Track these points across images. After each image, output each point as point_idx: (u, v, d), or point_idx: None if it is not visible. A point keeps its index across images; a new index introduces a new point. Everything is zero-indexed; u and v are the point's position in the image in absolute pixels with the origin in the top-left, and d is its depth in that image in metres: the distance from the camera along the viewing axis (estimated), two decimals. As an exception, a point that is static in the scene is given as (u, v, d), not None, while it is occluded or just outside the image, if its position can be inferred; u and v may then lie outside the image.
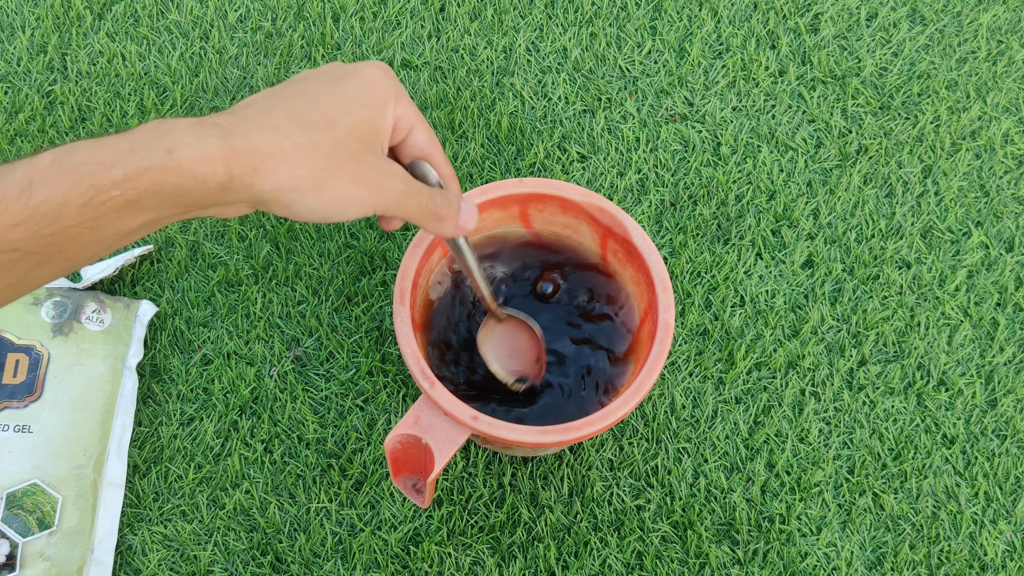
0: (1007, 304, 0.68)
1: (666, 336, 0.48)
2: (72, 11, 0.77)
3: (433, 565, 0.59)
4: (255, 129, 0.33)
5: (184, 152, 0.31)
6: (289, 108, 0.35)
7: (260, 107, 0.34)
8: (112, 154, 0.31)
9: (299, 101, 0.35)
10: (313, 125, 0.34)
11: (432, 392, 0.46)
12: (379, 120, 0.37)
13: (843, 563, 0.60)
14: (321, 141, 0.34)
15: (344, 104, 0.36)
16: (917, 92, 0.75)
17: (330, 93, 0.36)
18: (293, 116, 0.34)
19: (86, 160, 0.30)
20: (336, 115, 0.35)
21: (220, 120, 0.33)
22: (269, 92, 0.36)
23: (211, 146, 0.32)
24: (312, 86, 0.36)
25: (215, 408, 0.63)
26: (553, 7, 0.78)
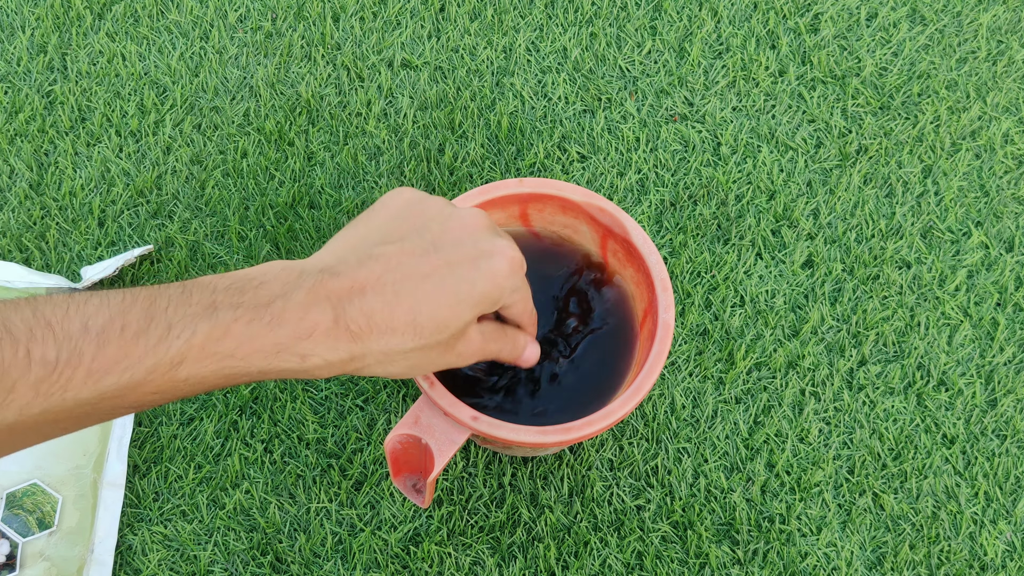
0: (1007, 304, 0.68)
1: (666, 336, 0.48)
2: (72, 11, 0.77)
3: (433, 565, 0.59)
4: (376, 334, 0.35)
5: (314, 361, 0.34)
6: (412, 307, 0.35)
7: (387, 298, 0.35)
8: (258, 353, 0.33)
9: (420, 297, 0.35)
10: (425, 331, 0.36)
11: (432, 392, 0.46)
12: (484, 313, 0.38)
13: (843, 563, 0.60)
14: (426, 346, 0.36)
15: (461, 308, 0.36)
16: (917, 92, 0.75)
17: (453, 290, 0.36)
18: (411, 319, 0.35)
19: (233, 352, 0.32)
20: (449, 320, 0.36)
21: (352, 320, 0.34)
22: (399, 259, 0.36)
23: (337, 356, 0.34)
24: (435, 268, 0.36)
25: (215, 408, 0.63)
26: (553, 7, 0.78)
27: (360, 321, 0.34)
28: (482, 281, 0.37)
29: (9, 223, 0.69)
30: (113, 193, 0.70)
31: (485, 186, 0.53)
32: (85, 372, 0.30)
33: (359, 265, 0.35)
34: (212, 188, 0.70)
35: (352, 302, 0.34)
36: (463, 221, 0.38)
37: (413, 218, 0.38)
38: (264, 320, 0.33)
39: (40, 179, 0.71)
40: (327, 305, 0.34)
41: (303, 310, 0.33)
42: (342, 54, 0.76)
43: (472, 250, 0.37)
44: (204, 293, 0.33)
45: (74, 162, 0.72)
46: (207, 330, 0.32)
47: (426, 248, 0.37)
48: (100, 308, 0.31)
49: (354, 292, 0.35)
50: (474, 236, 0.38)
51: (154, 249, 0.68)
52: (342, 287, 0.34)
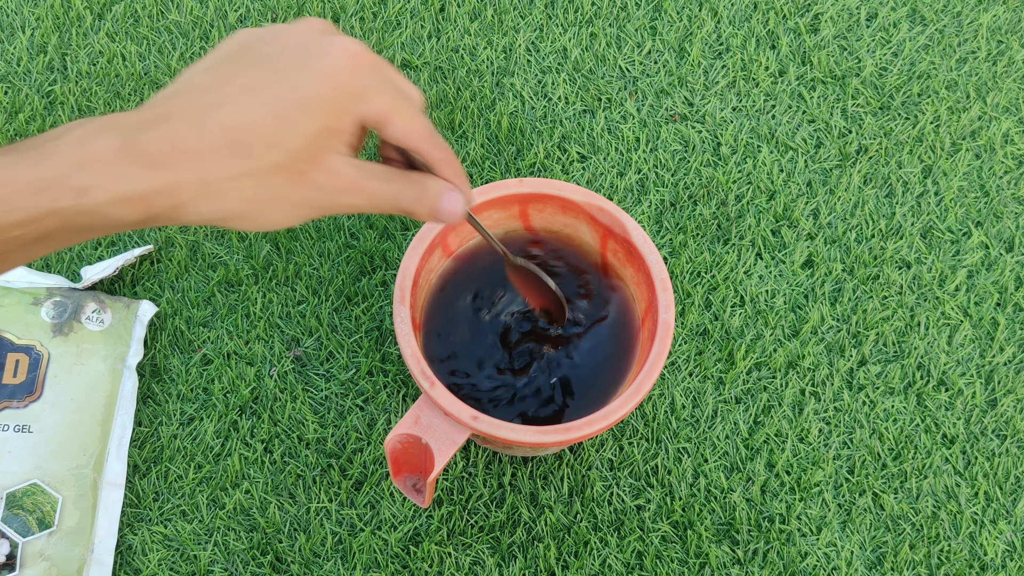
0: (1007, 304, 0.68)
1: (666, 336, 0.48)
2: (72, 11, 0.77)
3: (433, 565, 0.59)
4: (185, 158, 0.28)
5: (97, 195, 0.28)
6: (228, 121, 0.29)
7: (194, 117, 0.29)
8: (14, 196, 0.27)
9: (237, 108, 0.29)
10: (250, 150, 0.29)
11: (432, 392, 0.46)
12: (335, 129, 0.31)
13: (843, 563, 0.60)
14: (257, 170, 0.30)
15: (291, 115, 0.30)
16: (917, 92, 0.75)
17: (277, 94, 0.30)
18: (228, 136, 0.29)
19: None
20: (280, 132, 0.29)
21: (147, 141, 0.28)
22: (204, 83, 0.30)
23: (129, 186, 0.28)
24: (258, 78, 0.30)
25: (215, 408, 0.63)
26: (553, 7, 0.78)
27: (160, 145, 0.28)
28: (312, 81, 0.30)
29: (9, 223, 0.69)
30: (113, 193, 0.70)
31: (485, 186, 0.53)
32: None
33: (166, 98, 0.30)
34: (212, 188, 0.70)
35: (149, 128, 0.28)
36: (293, 29, 0.32)
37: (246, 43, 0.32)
38: (28, 157, 0.27)
39: (40, 179, 0.71)
40: (114, 133, 0.28)
41: (80, 142, 0.28)
42: (342, 54, 0.76)
43: (300, 52, 0.31)
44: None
45: (74, 162, 0.72)
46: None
47: (249, 64, 0.30)
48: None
49: (153, 121, 0.29)
50: (304, 40, 0.31)
51: (154, 249, 0.68)
52: (136, 117, 0.29)
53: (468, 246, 0.56)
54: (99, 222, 0.29)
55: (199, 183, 0.29)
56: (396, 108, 0.33)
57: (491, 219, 0.55)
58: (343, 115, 0.31)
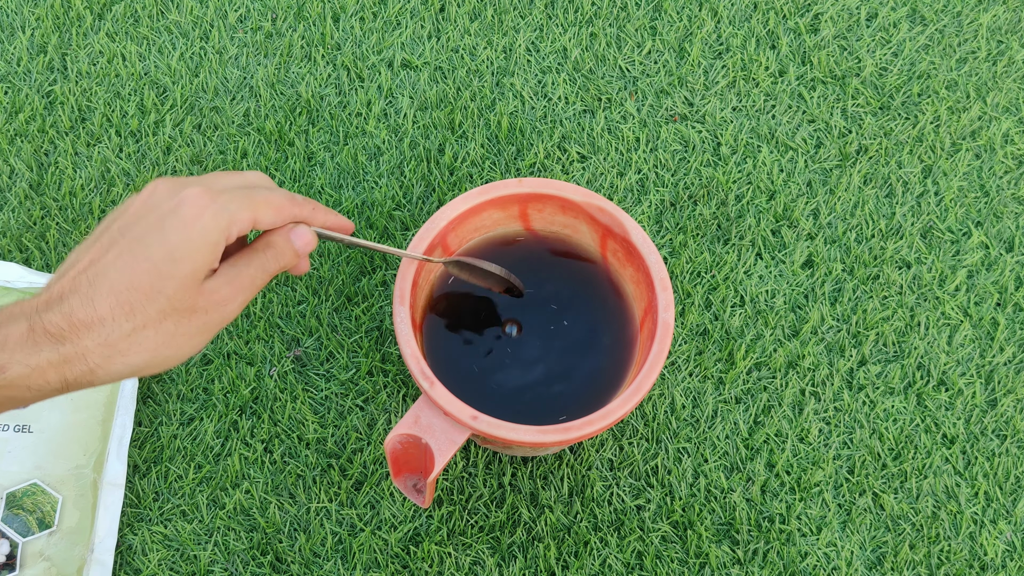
0: (1007, 304, 0.68)
1: (666, 336, 0.48)
2: (72, 11, 0.77)
3: (433, 565, 0.59)
4: (83, 328, 0.33)
5: (15, 370, 0.32)
6: (111, 288, 0.33)
7: (84, 292, 0.33)
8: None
9: (120, 271, 0.34)
10: (136, 307, 0.34)
11: (432, 392, 0.46)
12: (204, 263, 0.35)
13: (843, 563, 0.60)
14: (148, 321, 0.34)
15: (163, 267, 0.34)
16: (917, 92, 0.75)
17: (149, 253, 0.34)
18: (115, 300, 0.33)
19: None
20: (157, 284, 0.34)
21: (49, 323, 0.33)
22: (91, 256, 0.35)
23: (42, 359, 0.33)
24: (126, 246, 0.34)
25: (215, 408, 0.63)
26: (553, 7, 0.78)
27: (59, 322, 0.33)
28: (173, 234, 0.34)
29: (9, 223, 0.69)
30: (113, 193, 0.70)
31: (485, 186, 0.53)
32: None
33: (57, 279, 0.35)
34: (212, 188, 0.70)
35: (48, 310, 0.33)
36: (142, 197, 0.36)
37: (106, 223, 0.37)
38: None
39: (40, 179, 0.71)
40: (21, 319, 0.33)
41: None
42: (342, 54, 0.76)
43: (154, 216, 0.35)
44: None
45: (74, 162, 0.72)
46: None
47: (114, 237, 0.35)
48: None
49: (51, 302, 0.33)
50: (153, 203, 0.36)
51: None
52: (38, 302, 0.34)
53: (468, 246, 0.56)
54: (21, 394, 0.33)
55: (103, 347, 0.33)
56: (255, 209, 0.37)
57: (491, 219, 0.55)
58: (207, 255, 0.35)
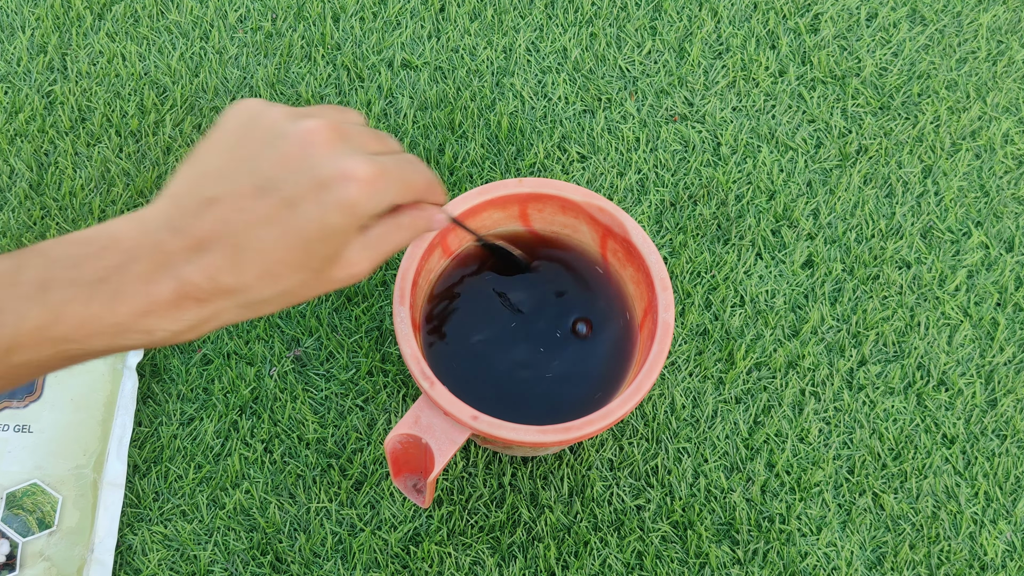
0: (1007, 304, 0.68)
1: (666, 336, 0.48)
2: (72, 11, 0.77)
3: (433, 565, 0.59)
4: (226, 294, 0.32)
5: (160, 335, 0.32)
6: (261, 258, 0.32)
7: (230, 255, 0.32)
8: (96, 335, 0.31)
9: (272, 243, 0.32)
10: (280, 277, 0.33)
11: (432, 392, 0.46)
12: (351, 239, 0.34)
13: (843, 563, 0.60)
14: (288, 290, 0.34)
15: (315, 246, 0.33)
16: (917, 92, 0.75)
17: (299, 227, 0.32)
18: (263, 270, 0.33)
19: (70, 336, 0.30)
20: (304, 259, 0.33)
21: (193, 286, 0.32)
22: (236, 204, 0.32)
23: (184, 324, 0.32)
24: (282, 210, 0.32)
25: (215, 408, 0.63)
26: (553, 7, 0.78)
27: (204, 285, 0.32)
28: (331, 215, 0.32)
29: (9, 223, 0.69)
30: (113, 193, 0.70)
31: (485, 186, 0.53)
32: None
33: (196, 215, 0.32)
34: (212, 188, 0.70)
35: (192, 262, 0.31)
36: (294, 145, 0.33)
37: (246, 145, 0.34)
38: (101, 299, 0.30)
39: (40, 179, 0.71)
40: (168, 274, 0.31)
41: (142, 283, 0.31)
42: (342, 54, 0.76)
43: (310, 180, 0.32)
44: (37, 267, 0.30)
45: (74, 162, 0.72)
46: (38, 315, 0.29)
47: (261, 186, 0.32)
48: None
49: (195, 250, 0.32)
50: (309, 162, 0.33)
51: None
52: (181, 245, 0.32)
53: (467, 246, 0.56)
54: (153, 348, 0.33)
55: (239, 308, 0.33)
56: (406, 187, 0.36)
57: (491, 219, 0.55)
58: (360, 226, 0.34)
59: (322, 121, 0.34)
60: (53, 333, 0.30)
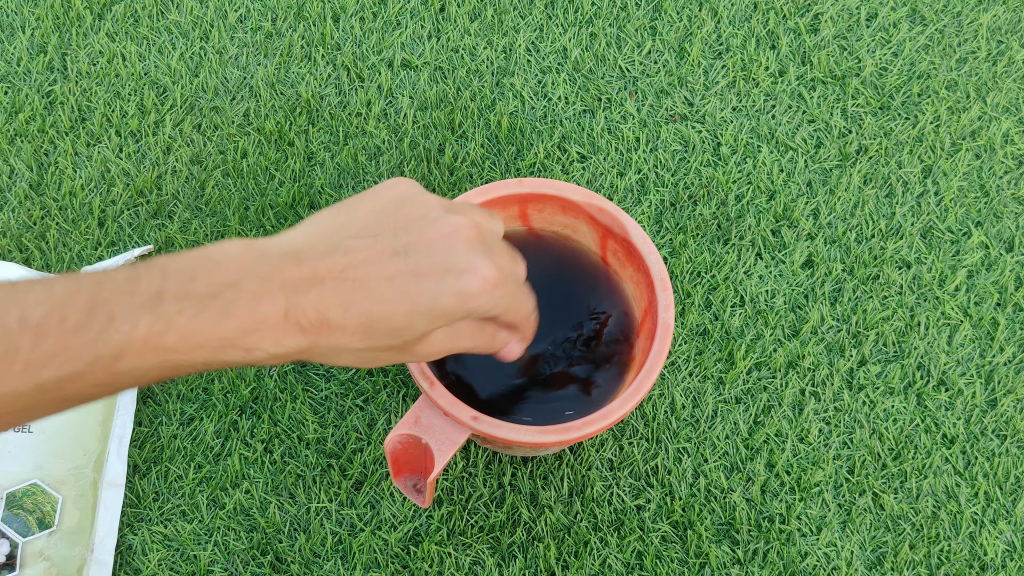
0: (1007, 304, 0.68)
1: (666, 336, 0.48)
2: (72, 11, 0.77)
3: (433, 565, 0.59)
4: (326, 331, 0.33)
5: (258, 355, 0.33)
6: (369, 310, 0.34)
7: (344, 296, 0.33)
8: (200, 347, 0.31)
9: (377, 301, 0.34)
10: (376, 335, 0.34)
11: (432, 392, 0.46)
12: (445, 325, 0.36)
13: (843, 563, 0.60)
14: (376, 347, 0.35)
15: (418, 320, 0.34)
16: (917, 92, 0.75)
17: (414, 299, 0.34)
18: (364, 322, 0.34)
19: (176, 346, 0.31)
20: (405, 329, 0.35)
21: (303, 315, 0.33)
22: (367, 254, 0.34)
23: (283, 350, 0.33)
24: (399, 272, 0.34)
25: (215, 408, 0.63)
26: (553, 7, 0.78)
27: (312, 316, 0.33)
28: (445, 297, 0.35)
29: (9, 223, 0.69)
30: (113, 193, 0.70)
31: (485, 186, 0.53)
32: (22, 365, 0.29)
33: (325, 255, 0.34)
34: (212, 188, 0.70)
35: (308, 292, 0.33)
36: (443, 229, 0.36)
37: (397, 215, 0.36)
38: (210, 313, 0.31)
39: (40, 179, 0.71)
40: (280, 296, 0.32)
41: (254, 301, 0.32)
42: (342, 54, 0.76)
43: (442, 263, 0.35)
44: (152, 279, 0.31)
45: (74, 162, 0.72)
46: (149, 323, 0.30)
47: (397, 250, 0.35)
48: (41, 299, 0.30)
49: (312, 282, 0.33)
50: (450, 248, 0.35)
51: (154, 249, 0.68)
52: (300, 275, 0.33)
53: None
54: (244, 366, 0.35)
55: (330, 349, 0.34)
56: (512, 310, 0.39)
57: (491, 219, 0.55)
58: (463, 319, 0.36)
59: (471, 221, 0.36)
60: (161, 343, 0.31)
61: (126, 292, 0.31)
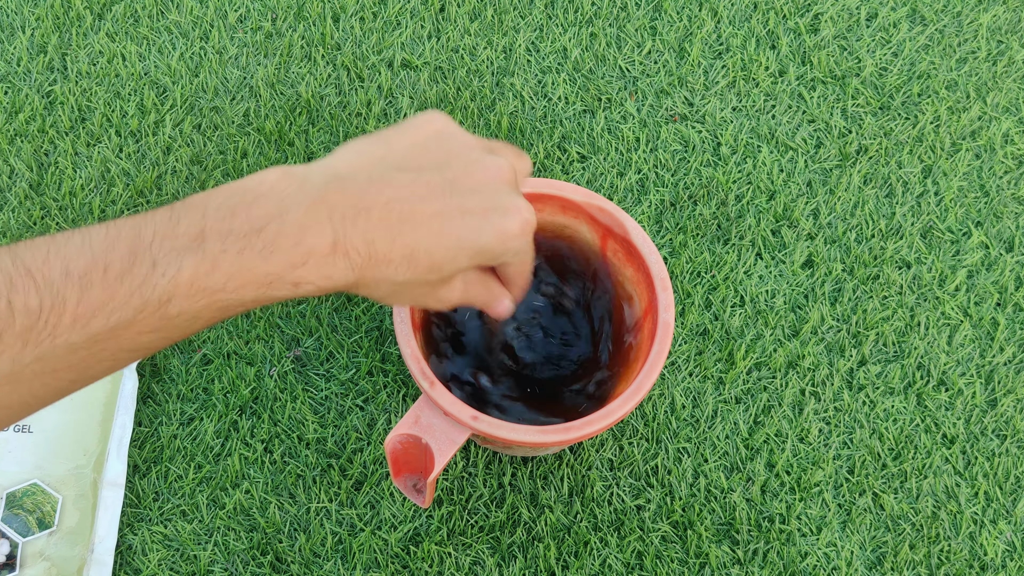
0: (1007, 304, 0.68)
1: (666, 336, 0.48)
2: (72, 11, 0.77)
3: (433, 565, 0.59)
4: (372, 262, 0.33)
5: (306, 288, 0.32)
6: (412, 243, 0.34)
7: (389, 227, 0.33)
8: (248, 285, 0.31)
9: (422, 234, 0.34)
10: (418, 267, 0.34)
11: (432, 392, 0.46)
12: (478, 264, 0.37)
13: (843, 563, 0.60)
14: (414, 281, 0.35)
15: (460, 254, 0.35)
16: (917, 92, 0.75)
17: (458, 235, 0.34)
18: (408, 252, 0.34)
19: (223, 286, 0.31)
20: (445, 262, 0.35)
21: (352, 242, 0.32)
22: (413, 189, 0.34)
23: (331, 283, 0.33)
24: (446, 208, 0.34)
25: (215, 408, 0.63)
26: (553, 7, 0.78)
27: (360, 248, 0.33)
28: (488, 234, 0.35)
29: (9, 223, 0.69)
30: (113, 193, 0.70)
31: (485, 186, 0.53)
32: (71, 317, 0.29)
33: (369, 183, 0.33)
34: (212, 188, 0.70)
35: (355, 222, 0.32)
36: (488, 170, 0.36)
37: (438, 151, 0.36)
38: (256, 249, 0.31)
39: (40, 179, 0.71)
40: (327, 224, 0.32)
41: (299, 232, 0.32)
42: (342, 54, 0.76)
43: (488, 201, 0.35)
44: (193, 218, 0.31)
45: (74, 162, 0.72)
46: (194, 265, 0.30)
47: (443, 186, 0.35)
48: (81, 249, 0.30)
49: (359, 210, 0.33)
50: (495, 187, 0.36)
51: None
52: (347, 203, 0.33)
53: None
54: (293, 299, 0.34)
55: (374, 280, 0.34)
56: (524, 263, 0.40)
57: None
58: (494, 261, 0.37)
59: (509, 164, 0.37)
60: (207, 283, 0.31)
61: (167, 235, 0.30)
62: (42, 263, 0.29)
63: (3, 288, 0.28)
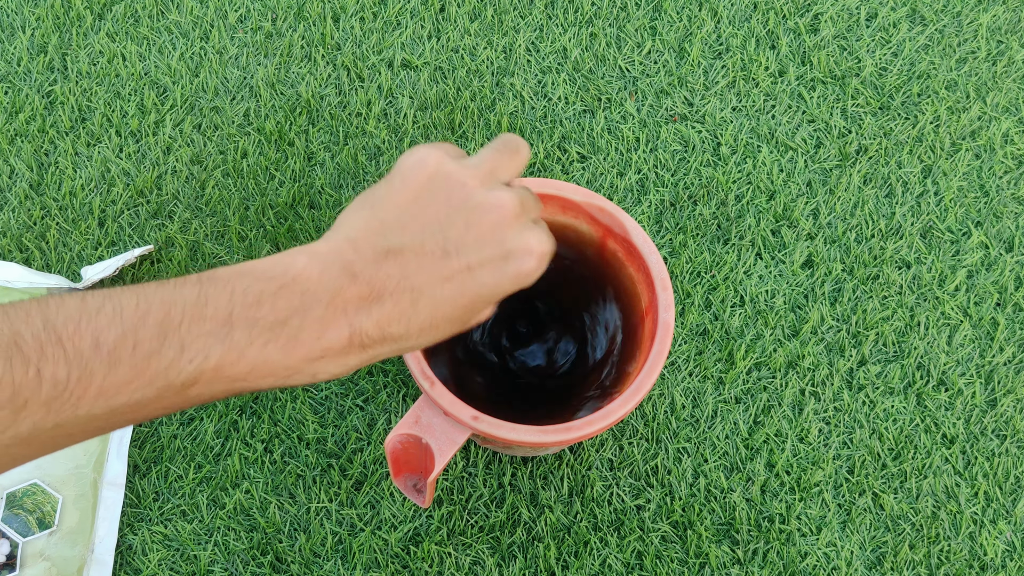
0: (1007, 304, 0.68)
1: (666, 336, 0.48)
2: (72, 11, 0.77)
3: (433, 565, 0.59)
4: (389, 341, 0.34)
5: (323, 377, 0.33)
6: (430, 314, 0.34)
7: (403, 309, 0.34)
8: (269, 376, 0.32)
9: (446, 304, 0.34)
10: (439, 329, 0.35)
11: (432, 392, 0.46)
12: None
13: (843, 563, 0.60)
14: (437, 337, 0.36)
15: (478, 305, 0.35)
16: (917, 92, 0.75)
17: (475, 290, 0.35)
18: (428, 323, 0.34)
19: (245, 376, 0.32)
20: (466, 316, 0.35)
21: (365, 334, 0.33)
22: (420, 263, 0.34)
23: (347, 368, 0.34)
24: (465, 273, 0.35)
25: (215, 408, 0.63)
26: (553, 7, 0.78)
27: (374, 334, 0.33)
28: (505, 282, 0.35)
29: (9, 223, 0.69)
30: (113, 193, 0.70)
31: (485, 186, 0.52)
32: (96, 391, 0.30)
33: (375, 264, 0.34)
34: (212, 188, 0.70)
35: (369, 313, 0.33)
36: (489, 215, 0.35)
37: (435, 204, 0.35)
38: (280, 343, 0.32)
39: (40, 179, 0.71)
40: (343, 320, 0.33)
41: (320, 329, 0.33)
42: (342, 54, 0.76)
43: (497, 250, 0.35)
44: (220, 301, 0.32)
45: (74, 162, 0.72)
46: (221, 354, 0.31)
47: (447, 250, 0.35)
48: (112, 321, 0.30)
49: (371, 300, 0.33)
50: (501, 234, 0.35)
51: (154, 249, 0.68)
52: (359, 294, 0.33)
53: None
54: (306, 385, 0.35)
55: (391, 352, 0.35)
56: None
57: (491, 219, 0.55)
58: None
59: (511, 198, 0.36)
60: (232, 372, 0.32)
61: (196, 317, 0.31)
62: (73, 332, 0.30)
63: (33, 356, 0.29)
